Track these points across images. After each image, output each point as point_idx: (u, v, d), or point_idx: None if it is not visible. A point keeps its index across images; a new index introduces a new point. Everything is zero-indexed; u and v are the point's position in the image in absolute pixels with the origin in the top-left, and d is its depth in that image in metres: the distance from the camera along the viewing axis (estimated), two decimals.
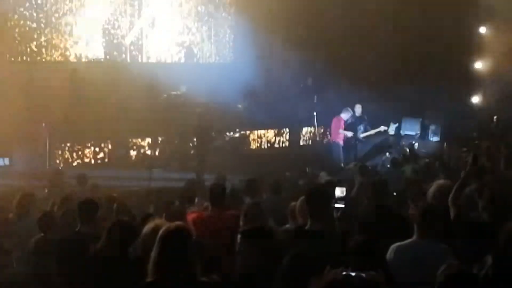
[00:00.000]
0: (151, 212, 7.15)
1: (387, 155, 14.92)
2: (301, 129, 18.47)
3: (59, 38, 15.35)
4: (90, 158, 14.70)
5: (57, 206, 7.24)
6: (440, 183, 6.62)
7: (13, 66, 14.26)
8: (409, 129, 17.91)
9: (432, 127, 17.90)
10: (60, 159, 14.04)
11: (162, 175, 13.61)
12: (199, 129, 14.16)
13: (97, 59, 15.83)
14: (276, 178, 9.79)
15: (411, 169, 11.49)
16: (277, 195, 8.69)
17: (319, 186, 6.99)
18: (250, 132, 17.29)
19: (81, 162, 14.37)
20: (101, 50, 16.03)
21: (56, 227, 6.40)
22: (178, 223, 4.15)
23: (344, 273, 2.99)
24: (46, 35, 15.11)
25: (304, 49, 16.89)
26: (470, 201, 6.27)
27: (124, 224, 5.18)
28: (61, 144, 14.12)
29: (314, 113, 17.24)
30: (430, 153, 15.08)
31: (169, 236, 3.85)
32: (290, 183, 10.71)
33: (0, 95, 13.13)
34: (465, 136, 16.21)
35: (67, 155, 14.37)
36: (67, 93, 14.49)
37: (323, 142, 18.01)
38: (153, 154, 15.17)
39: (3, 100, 13.14)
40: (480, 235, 5.27)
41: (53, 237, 6.15)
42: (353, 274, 2.96)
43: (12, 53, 14.61)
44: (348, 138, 15.02)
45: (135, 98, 15.20)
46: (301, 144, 18.27)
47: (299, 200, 6.01)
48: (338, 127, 14.97)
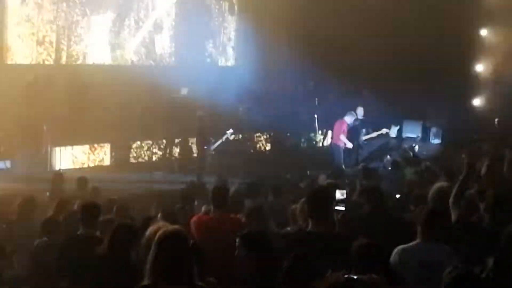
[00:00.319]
0: (152, 215, 7.14)
1: (388, 157, 14.91)
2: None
3: (61, 40, 15.36)
4: (91, 160, 14.69)
5: (54, 210, 7.23)
6: (439, 185, 6.62)
7: (15, 69, 14.27)
8: (411, 131, 17.90)
9: (433, 129, 17.90)
10: (61, 162, 14.02)
11: (163, 177, 13.61)
12: (200, 131, 14.16)
13: (100, 63, 15.86)
14: (276, 181, 9.80)
15: (412, 172, 11.48)
16: (277, 197, 8.68)
17: (320, 188, 6.99)
18: (251, 134, 17.27)
19: (82, 165, 14.36)
20: (106, 54, 16.07)
21: (60, 232, 6.40)
22: (175, 226, 4.15)
23: (345, 276, 2.99)
24: (48, 37, 15.13)
25: (305, 52, 16.89)
26: (471, 204, 6.27)
27: (126, 227, 5.18)
28: (63, 147, 14.11)
29: (315, 116, 17.24)
30: (431, 156, 15.07)
31: (165, 240, 3.84)
32: (290, 185, 10.69)
33: (1, 98, 13.13)
34: (466, 138, 16.18)
35: (69, 158, 14.35)
36: (69, 96, 14.52)
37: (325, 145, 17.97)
38: (154, 157, 15.18)
39: (4, 103, 13.15)
40: (481, 237, 5.27)
41: (57, 241, 6.15)
42: (355, 277, 2.97)
43: (13, 56, 14.62)
44: (350, 141, 14.99)
45: (137, 100, 15.22)
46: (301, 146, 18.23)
47: (300, 202, 6.01)
48: (340, 130, 14.94)
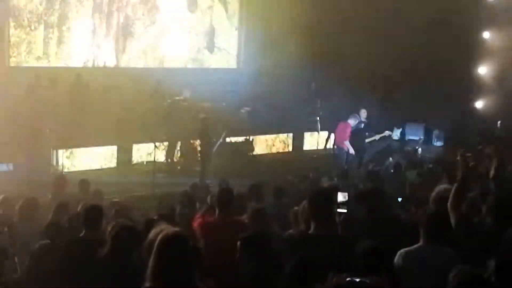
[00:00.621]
0: (154, 217, 7.13)
1: (390, 160, 14.91)
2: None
3: (63, 43, 15.40)
4: (93, 163, 14.68)
5: (53, 212, 7.22)
6: (441, 188, 6.61)
7: (17, 71, 14.30)
8: (413, 134, 17.91)
9: (435, 132, 17.90)
10: (63, 164, 14.02)
11: (166, 180, 13.60)
12: (202, 133, 14.16)
13: (103, 66, 15.89)
14: (278, 183, 9.79)
15: (414, 174, 11.47)
16: (279, 200, 8.68)
17: (322, 190, 6.97)
18: (254, 136, 17.26)
19: (85, 167, 14.36)
20: (109, 56, 16.10)
21: (63, 236, 6.40)
22: (176, 229, 4.14)
23: (348, 278, 2.99)
24: (50, 40, 15.16)
25: (307, 54, 16.91)
26: (473, 206, 6.26)
27: (128, 229, 5.18)
28: (65, 150, 14.11)
29: (318, 118, 17.23)
30: (433, 158, 15.06)
31: (167, 243, 3.84)
32: (292, 188, 10.68)
33: (4, 100, 13.15)
34: (468, 141, 16.18)
35: (71, 160, 14.36)
36: (71, 98, 14.54)
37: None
38: (156, 159, 15.16)
39: (7, 105, 13.17)
40: (483, 240, 5.26)
41: (59, 244, 6.15)
42: (357, 279, 2.96)
43: (15, 58, 14.65)
44: (353, 144, 14.97)
45: (139, 103, 15.23)
46: (304, 149, 18.23)
47: (301, 204, 6.00)
48: (344, 133, 14.91)
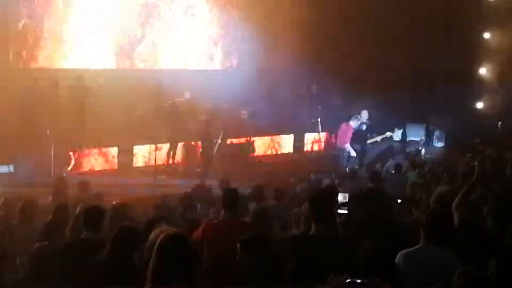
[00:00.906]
0: (155, 219, 7.13)
1: (391, 161, 14.91)
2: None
3: (64, 44, 15.41)
4: (94, 165, 14.69)
5: (52, 214, 7.22)
6: (441, 189, 6.61)
7: (18, 73, 14.31)
8: (414, 135, 17.91)
9: (436, 132, 17.90)
10: (64, 166, 14.03)
11: (167, 181, 13.60)
12: (203, 135, 14.16)
13: (104, 68, 15.89)
14: (279, 185, 9.79)
15: (415, 175, 11.47)
16: (280, 201, 8.69)
17: (322, 191, 6.97)
18: (254, 138, 17.26)
19: (85, 169, 14.36)
20: (110, 59, 16.11)
21: (61, 236, 6.39)
22: (176, 230, 4.14)
23: (348, 279, 2.98)
24: (52, 42, 15.18)
25: (308, 55, 16.91)
26: (474, 207, 6.26)
27: (129, 230, 5.18)
28: (66, 151, 14.12)
29: (319, 119, 17.24)
30: (434, 159, 15.06)
31: (166, 244, 3.84)
32: (293, 189, 10.69)
33: (5, 102, 13.16)
34: (469, 141, 16.17)
35: (72, 162, 14.36)
36: (72, 100, 14.54)
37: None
38: (157, 161, 15.16)
39: (8, 106, 13.18)
40: (484, 240, 5.26)
41: (57, 245, 6.15)
42: (357, 280, 2.95)
43: (17, 60, 14.66)
44: (355, 144, 14.97)
45: (140, 104, 15.23)
46: (305, 150, 18.23)
47: (303, 205, 6.00)
48: (346, 134, 14.92)
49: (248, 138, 16.86)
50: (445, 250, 4.92)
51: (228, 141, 15.92)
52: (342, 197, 5.83)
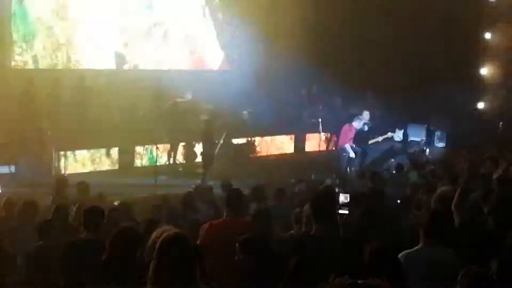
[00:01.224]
0: (156, 219, 7.12)
1: (392, 161, 14.90)
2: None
3: (65, 45, 15.41)
4: (95, 165, 14.68)
5: (52, 214, 7.22)
6: (443, 189, 6.61)
7: (19, 74, 14.31)
8: (415, 135, 17.88)
9: (437, 133, 17.86)
10: (65, 166, 14.03)
11: (168, 182, 13.60)
12: (204, 135, 14.16)
13: (104, 68, 15.89)
14: (279, 185, 9.79)
15: (416, 175, 11.46)
16: (280, 201, 8.69)
17: (324, 191, 6.97)
18: (255, 138, 17.26)
19: (86, 170, 14.36)
20: (111, 59, 16.11)
21: (56, 235, 6.39)
22: (177, 230, 4.14)
23: (349, 280, 2.98)
24: (53, 42, 15.18)
25: (309, 56, 16.90)
26: (475, 207, 6.26)
27: (129, 231, 5.18)
28: (67, 152, 14.12)
29: (319, 119, 17.22)
30: (435, 159, 15.04)
31: (167, 244, 3.84)
32: (294, 189, 10.69)
33: (5, 102, 13.16)
34: (470, 142, 16.15)
35: (73, 163, 14.36)
36: (74, 100, 14.54)
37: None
38: (158, 161, 15.16)
39: (8, 107, 13.18)
40: (485, 240, 5.26)
41: (52, 244, 6.15)
42: (359, 281, 2.95)
43: (17, 60, 14.66)
44: (357, 144, 14.97)
45: (141, 105, 15.22)
46: (306, 150, 18.22)
47: (305, 206, 6.00)
48: (347, 135, 14.91)
49: (249, 138, 16.87)
50: (445, 250, 4.92)
51: (227, 141, 15.91)
52: (343, 198, 5.83)
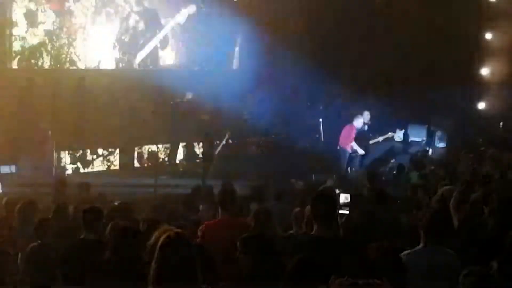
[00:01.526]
0: (157, 219, 7.12)
1: (393, 161, 14.90)
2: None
3: (66, 45, 15.41)
4: (96, 165, 14.69)
5: (52, 214, 7.22)
6: (444, 189, 6.62)
7: (20, 73, 14.30)
8: (416, 135, 17.87)
9: (438, 133, 17.85)
10: (66, 166, 14.04)
11: (168, 181, 13.60)
12: (205, 135, 14.16)
13: (105, 68, 15.89)
14: (280, 185, 9.80)
15: (417, 176, 11.46)
16: (280, 201, 8.69)
17: (324, 192, 6.98)
18: (255, 138, 17.27)
19: (87, 170, 14.37)
20: (111, 59, 16.12)
21: (53, 234, 6.39)
22: (177, 230, 4.13)
23: (350, 280, 2.98)
24: (54, 42, 15.17)
25: (310, 56, 16.90)
26: (476, 207, 6.26)
27: (129, 231, 5.17)
28: (68, 152, 14.13)
29: (320, 120, 17.23)
30: (436, 160, 15.04)
31: (168, 244, 3.83)
32: (294, 189, 10.70)
33: (6, 102, 13.16)
34: (471, 142, 16.14)
35: (74, 163, 14.37)
36: (74, 100, 14.53)
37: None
38: (159, 161, 15.18)
39: (10, 107, 13.18)
40: (486, 241, 5.26)
41: (49, 244, 6.15)
42: (359, 281, 2.95)
43: (17, 60, 14.66)
44: (358, 145, 14.97)
45: (141, 105, 15.23)
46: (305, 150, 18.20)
47: (307, 206, 6.00)
48: (349, 135, 14.92)
49: (250, 138, 16.87)
50: (445, 250, 4.91)
51: (230, 141, 15.93)
52: (343, 198, 5.84)
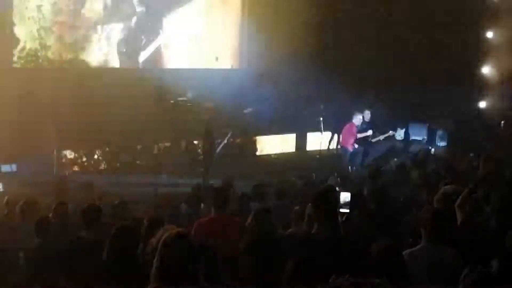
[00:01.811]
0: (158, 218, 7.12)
1: (394, 160, 14.88)
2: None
3: (67, 44, 15.42)
4: (97, 164, 14.69)
5: (52, 213, 7.22)
6: (445, 188, 6.60)
7: (21, 72, 14.31)
8: (416, 134, 17.87)
9: (439, 132, 17.85)
10: (67, 165, 14.04)
11: (169, 180, 13.60)
12: (206, 134, 14.16)
13: (107, 67, 15.91)
14: (280, 184, 9.79)
15: (418, 175, 11.44)
16: (281, 200, 8.68)
17: (325, 190, 6.97)
18: (256, 137, 17.25)
19: (88, 168, 14.37)
20: (113, 58, 16.13)
21: (53, 233, 6.40)
22: (179, 229, 4.13)
23: (350, 280, 2.97)
24: (55, 41, 15.18)
25: (311, 55, 16.89)
26: (476, 206, 6.25)
27: (128, 229, 5.17)
28: (68, 150, 14.13)
29: (321, 119, 17.21)
30: (437, 159, 15.02)
31: (170, 243, 3.84)
32: (295, 188, 10.69)
33: (8, 101, 13.16)
34: (472, 141, 16.13)
35: (74, 161, 14.36)
36: (75, 99, 14.53)
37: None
38: (159, 160, 15.16)
39: (11, 106, 13.19)
40: (487, 239, 5.25)
41: (50, 243, 6.16)
42: (359, 280, 2.94)
43: (18, 59, 14.66)
44: (360, 144, 14.98)
45: (142, 104, 15.22)
46: (307, 149, 18.20)
47: (308, 205, 5.99)
48: (350, 134, 14.92)
49: (251, 137, 16.86)
50: (446, 249, 4.91)
51: (230, 140, 15.92)
52: (344, 196, 5.82)
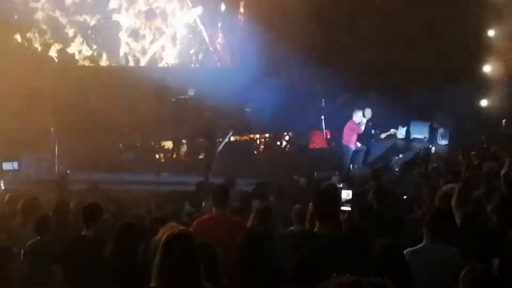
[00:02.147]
0: (160, 216, 7.14)
1: (396, 158, 14.89)
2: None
3: (68, 44, 15.43)
4: (98, 162, 14.69)
5: (52, 211, 7.23)
6: (447, 187, 6.61)
7: (22, 71, 14.32)
8: (418, 132, 17.86)
9: (440, 130, 17.84)
10: (68, 163, 14.04)
11: (170, 179, 13.60)
12: (207, 132, 14.16)
13: (108, 65, 15.91)
14: (281, 182, 9.80)
15: (419, 173, 11.46)
16: (282, 198, 8.69)
17: (326, 189, 6.97)
18: (258, 135, 17.27)
19: (89, 167, 14.37)
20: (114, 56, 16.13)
21: (52, 230, 6.41)
22: (181, 228, 4.14)
23: (351, 278, 2.97)
24: (55, 40, 15.19)
25: (311, 53, 16.89)
26: (478, 205, 6.25)
27: (129, 227, 5.18)
28: (70, 149, 14.13)
29: (322, 117, 17.22)
30: (438, 157, 15.03)
31: (171, 241, 3.84)
32: (296, 186, 10.70)
33: (9, 100, 13.18)
34: (473, 139, 16.12)
35: (75, 160, 14.37)
36: (77, 97, 14.55)
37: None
38: (161, 158, 15.18)
39: (12, 104, 13.20)
40: (488, 238, 5.25)
41: (48, 241, 6.17)
42: (361, 279, 2.95)
43: (21, 58, 14.68)
44: (360, 142, 14.99)
45: (144, 102, 15.23)
46: (309, 147, 18.20)
47: (310, 203, 6.00)
48: (352, 131, 14.92)
49: (252, 136, 16.87)
50: (448, 248, 4.91)
51: (232, 138, 15.93)
52: (345, 194, 5.82)
